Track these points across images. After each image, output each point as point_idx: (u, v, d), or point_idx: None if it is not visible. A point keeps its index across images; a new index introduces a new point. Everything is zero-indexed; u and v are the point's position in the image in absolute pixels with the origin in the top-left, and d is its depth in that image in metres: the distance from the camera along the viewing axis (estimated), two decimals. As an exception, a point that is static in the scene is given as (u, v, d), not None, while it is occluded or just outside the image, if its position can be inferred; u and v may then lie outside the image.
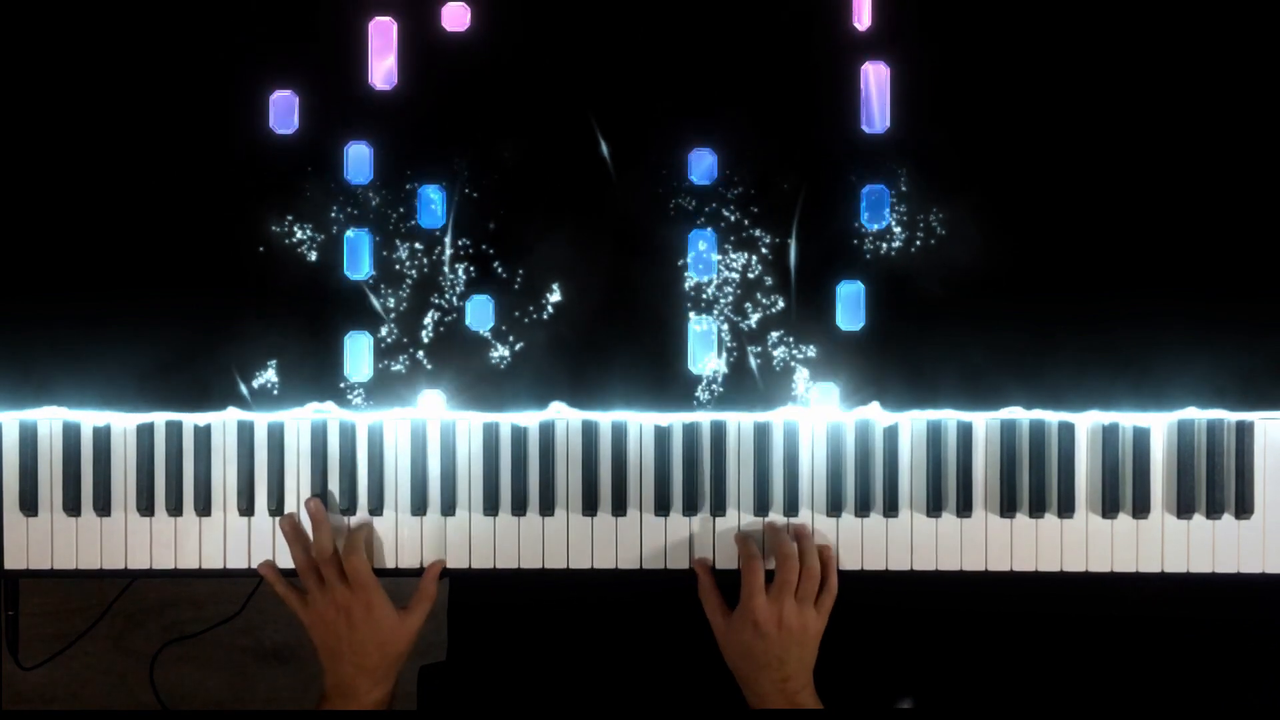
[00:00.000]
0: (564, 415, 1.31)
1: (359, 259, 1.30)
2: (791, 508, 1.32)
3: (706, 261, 1.30)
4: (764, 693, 1.26)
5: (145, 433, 1.32)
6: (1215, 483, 1.32)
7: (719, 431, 1.32)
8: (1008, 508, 1.32)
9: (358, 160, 1.30)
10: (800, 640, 1.26)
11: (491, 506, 1.33)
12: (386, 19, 1.30)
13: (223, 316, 1.30)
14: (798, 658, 1.26)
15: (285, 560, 1.32)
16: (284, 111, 1.30)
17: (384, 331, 1.30)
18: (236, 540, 1.33)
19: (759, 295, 1.30)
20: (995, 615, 1.49)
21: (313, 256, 1.30)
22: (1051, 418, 1.32)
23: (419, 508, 1.33)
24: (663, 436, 1.32)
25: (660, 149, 1.29)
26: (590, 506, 1.33)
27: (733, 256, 1.30)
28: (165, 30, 1.29)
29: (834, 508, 1.32)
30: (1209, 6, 1.29)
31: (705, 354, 1.30)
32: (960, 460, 1.32)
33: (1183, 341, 1.30)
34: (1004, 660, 1.49)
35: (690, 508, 1.33)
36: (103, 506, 1.32)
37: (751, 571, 1.27)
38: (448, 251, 1.30)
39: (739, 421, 1.32)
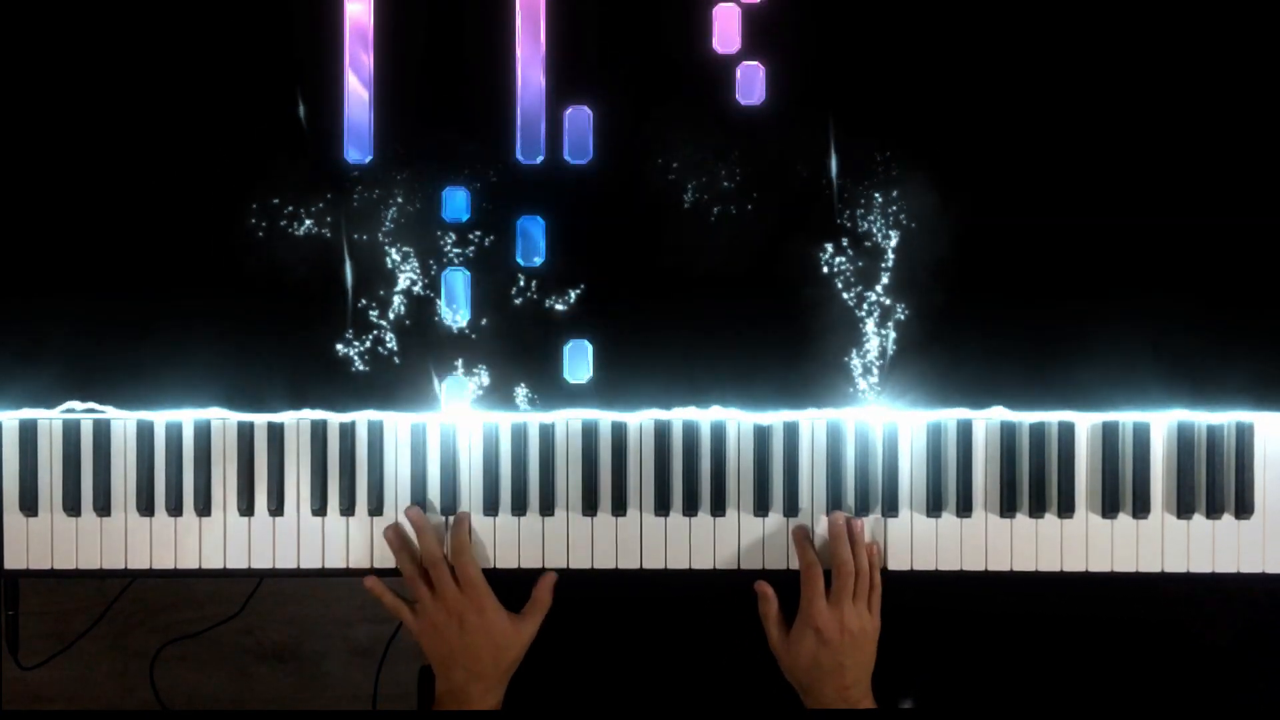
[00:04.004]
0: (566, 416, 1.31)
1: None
2: (791, 508, 1.32)
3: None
4: (828, 702, 1.26)
5: (145, 432, 1.32)
6: (1215, 483, 1.32)
7: (719, 431, 1.32)
8: (1008, 508, 1.32)
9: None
10: (860, 644, 1.26)
11: (491, 506, 1.33)
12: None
13: (223, 316, 1.30)
14: (858, 662, 1.26)
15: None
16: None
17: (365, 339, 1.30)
18: (236, 540, 1.33)
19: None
20: (995, 615, 1.49)
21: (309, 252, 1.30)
22: (1051, 418, 1.32)
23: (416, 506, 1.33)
24: (663, 436, 1.32)
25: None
26: (590, 506, 1.33)
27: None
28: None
29: (834, 508, 1.32)
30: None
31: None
32: (960, 460, 1.32)
33: (1184, 342, 1.30)
34: (1004, 660, 1.49)
35: (690, 508, 1.32)
36: (103, 506, 1.32)
37: (812, 579, 1.27)
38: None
39: (739, 421, 1.32)
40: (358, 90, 1.29)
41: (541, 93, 1.29)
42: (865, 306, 1.30)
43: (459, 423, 1.32)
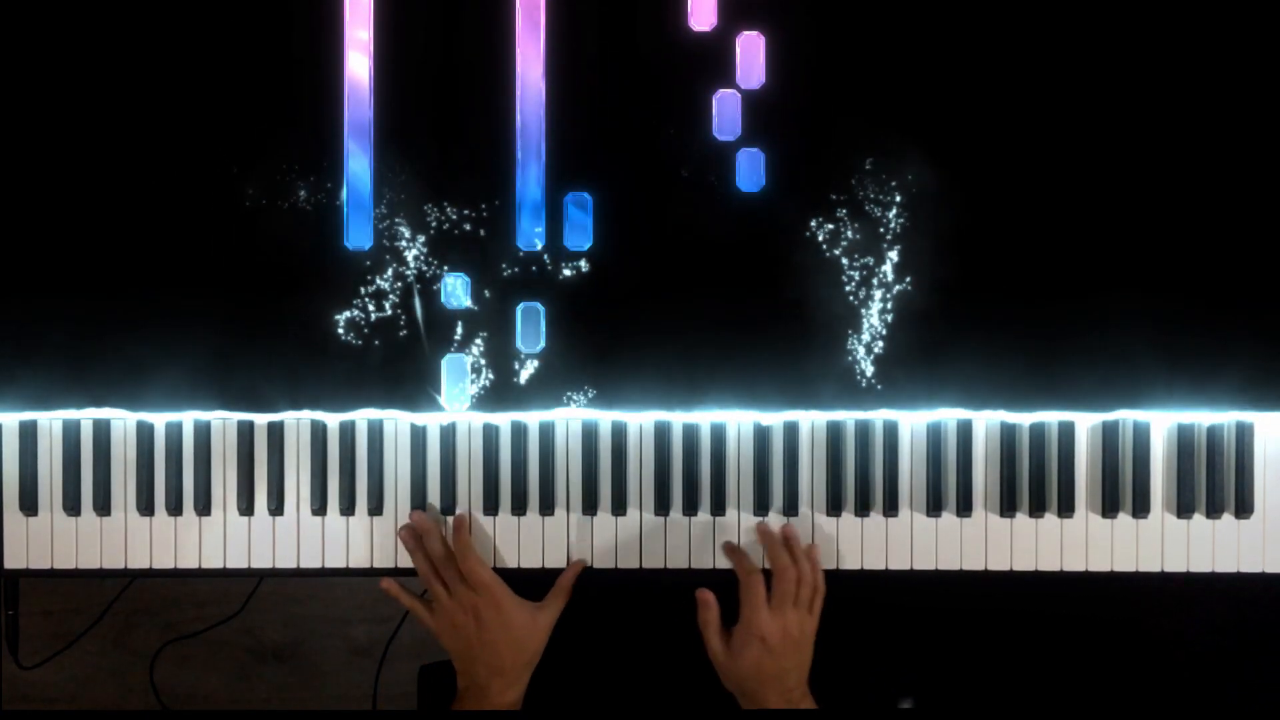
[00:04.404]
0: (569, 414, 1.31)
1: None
2: (791, 507, 1.32)
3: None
4: (771, 706, 1.25)
5: (145, 432, 1.32)
6: (1215, 483, 1.32)
7: (719, 431, 1.32)
8: (1008, 507, 1.32)
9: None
10: (802, 647, 1.27)
11: (491, 506, 1.33)
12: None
13: (223, 316, 1.30)
14: (799, 664, 1.27)
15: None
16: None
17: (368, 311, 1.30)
18: (236, 540, 1.33)
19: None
20: (995, 615, 1.49)
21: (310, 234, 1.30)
22: (1051, 418, 1.32)
23: (419, 508, 1.32)
24: (663, 436, 1.32)
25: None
26: (590, 506, 1.33)
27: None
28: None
29: (834, 507, 1.32)
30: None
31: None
32: (960, 460, 1.32)
33: (1184, 342, 1.30)
34: (1004, 660, 1.49)
35: (690, 507, 1.33)
36: (103, 506, 1.32)
37: (753, 586, 1.27)
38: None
39: (739, 421, 1.32)
40: (359, 176, 1.29)
41: (542, 178, 1.29)
42: (865, 308, 1.30)
43: (459, 423, 1.32)
